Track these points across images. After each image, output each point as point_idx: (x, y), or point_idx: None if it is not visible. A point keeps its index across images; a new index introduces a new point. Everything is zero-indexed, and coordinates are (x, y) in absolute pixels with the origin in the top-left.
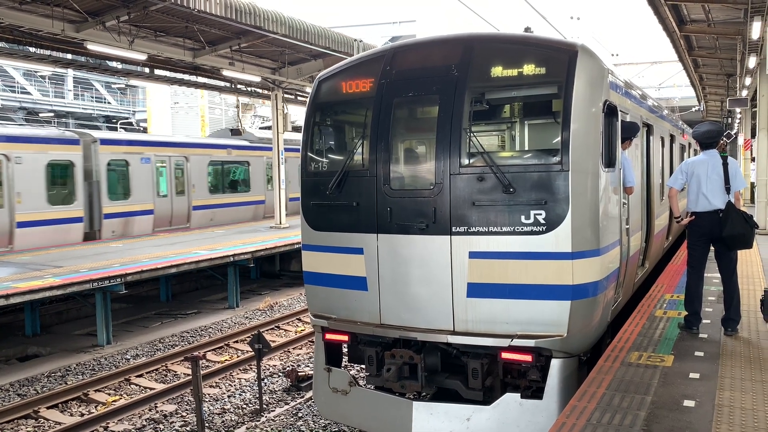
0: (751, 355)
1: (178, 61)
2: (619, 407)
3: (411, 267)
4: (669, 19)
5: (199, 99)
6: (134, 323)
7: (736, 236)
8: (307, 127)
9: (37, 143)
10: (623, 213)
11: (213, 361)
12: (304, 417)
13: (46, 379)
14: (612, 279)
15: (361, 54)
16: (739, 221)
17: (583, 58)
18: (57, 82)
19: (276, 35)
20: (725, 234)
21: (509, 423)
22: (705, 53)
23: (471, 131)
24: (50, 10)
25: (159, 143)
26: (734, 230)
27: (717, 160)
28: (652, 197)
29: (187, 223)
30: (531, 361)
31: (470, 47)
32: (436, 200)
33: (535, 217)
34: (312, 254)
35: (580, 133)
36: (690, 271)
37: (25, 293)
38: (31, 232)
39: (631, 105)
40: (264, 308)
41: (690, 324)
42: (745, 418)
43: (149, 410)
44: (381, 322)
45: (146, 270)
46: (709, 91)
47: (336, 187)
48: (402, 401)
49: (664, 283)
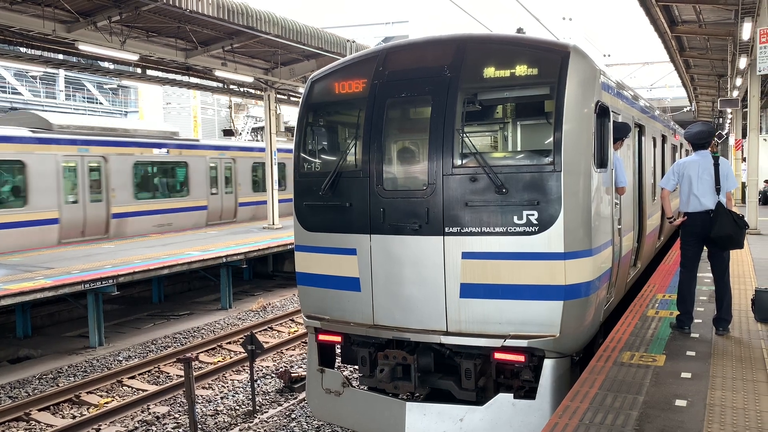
0: (743, 355)
1: (170, 61)
2: (611, 407)
3: (404, 267)
4: (660, 20)
5: (192, 99)
6: (126, 325)
7: (725, 237)
8: (300, 127)
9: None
10: (615, 213)
11: (206, 362)
12: (297, 418)
13: (37, 381)
14: (604, 279)
15: (354, 54)
16: (728, 222)
17: (575, 58)
18: (48, 82)
19: (269, 35)
20: (713, 234)
21: (502, 423)
22: (696, 54)
23: (463, 132)
24: (41, 11)
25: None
26: (723, 231)
27: (708, 161)
28: (644, 197)
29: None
30: (524, 361)
31: (463, 48)
32: (428, 201)
33: (528, 217)
34: (305, 255)
35: (572, 134)
36: (682, 271)
37: (16, 295)
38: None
39: (623, 105)
40: (257, 309)
41: (682, 324)
42: (737, 418)
43: (141, 412)
44: (374, 322)
45: (138, 271)
46: (701, 91)
47: (329, 187)
48: (395, 402)
49: (656, 283)
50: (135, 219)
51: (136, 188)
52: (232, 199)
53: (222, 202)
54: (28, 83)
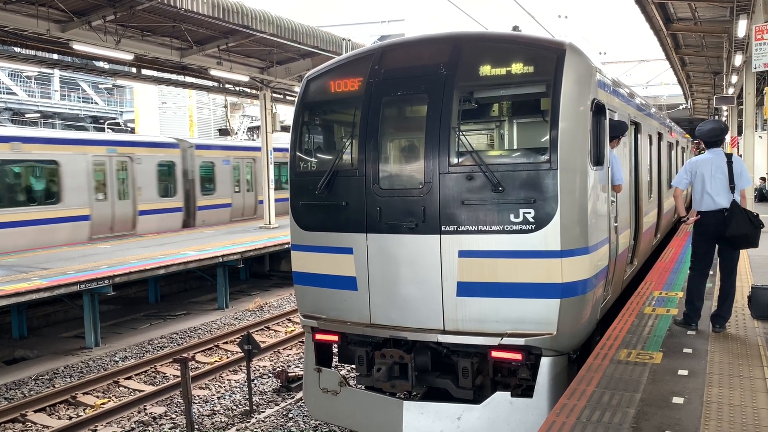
0: (739, 352)
1: (165, 60)
2: (608, 405)
3: (401, 266)
4: (656, 18)
5: (187, 99)
6: (123, 325)
7: (740, 236)
8: (296, 126)
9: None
10: (612, 211)
11: (202, 362)
12: (294, 418)
13: (33, 382)
14: (601, 277)
15: (349, 53)
16: (744, 221)
17: (571, 56)
18: (43, 82)
19: (264, 34)
20: (729, 233)
21: (499, 422)
22: (692, 51)
23: (460, 130)
24: (35, 10)
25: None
26: (738, 230)
27: (722, 159)
28: (640, 195)
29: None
30: (521, 359)
31: (459, 46)
32: (425, 199)
33: (524, 215)
34: (301, 254)
35: (568, 132)
36: (693, 268)
37: (12, 296)
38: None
39: (619, 103)
40: (254, 309)
41: (689, 320)
42: (734, 415)
43: (138, 412)
44: (371, 321)
45: (134, 271)
46: (696, 89)
47: (325, 186)
48: (392, 401)
49: (653, 280)
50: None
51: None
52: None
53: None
54: (23, 83)
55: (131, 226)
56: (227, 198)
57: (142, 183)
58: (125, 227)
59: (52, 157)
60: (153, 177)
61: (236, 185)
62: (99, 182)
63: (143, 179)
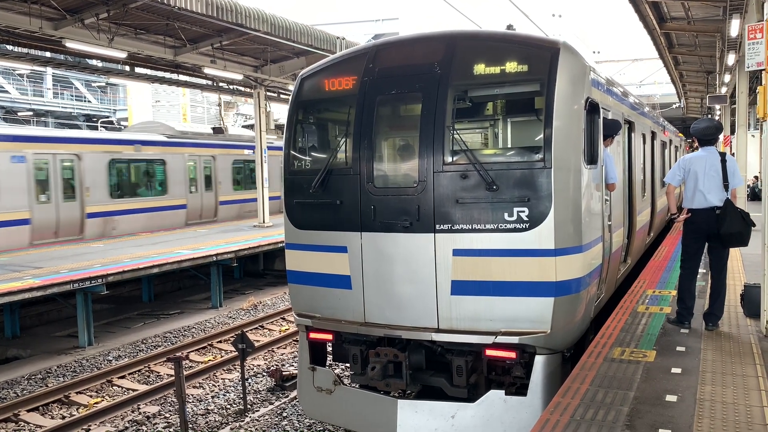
0: (732, 350)
1: (158, 59)
2: (602, 403)
3: (395, 265)
4: (649, 17)
5: (181, 97)
6: (116, 324)
7: (734, 234)
8: (290, 124)
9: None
10: (605, 209)
11: (196, 361)
12: (288, 417)
13: (26, 381)
14: (595, 275)
15: (343, 51)
16: (737, 219)
17: (565, 55)
18: (36, 80)
19: (258, 33)
20: (723, 231)
21: (494, 420)
22: (685, 50)
23: (454, 129)
24: (27, 8)
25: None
26: (732, 228)
27: (715, 157)
28: (634, 194)
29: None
30: (515, 357)
31: (453, 45)
32: (419, 198)
33: (518, 214)
34: (295, 253)
35: (562, 131)
36: (683, 267)
37: (4, 295)
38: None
39: (612, 102)
40: (248, 308)
41: (681, 318)
42: (726, 412)
43: (132, 412)
44: (365, 320)
45: (128, 270)
46: (690, 88)
47: (319, 185)
48: (387, 399)
49: (646, 278)
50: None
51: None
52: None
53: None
54: (15, 81)
55: (213, 214)
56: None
57: (222, 178)
58: (209, 215)
59: (161, 156)
60: (229, 173)
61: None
62: (191, 178)
63: (223, 175)
